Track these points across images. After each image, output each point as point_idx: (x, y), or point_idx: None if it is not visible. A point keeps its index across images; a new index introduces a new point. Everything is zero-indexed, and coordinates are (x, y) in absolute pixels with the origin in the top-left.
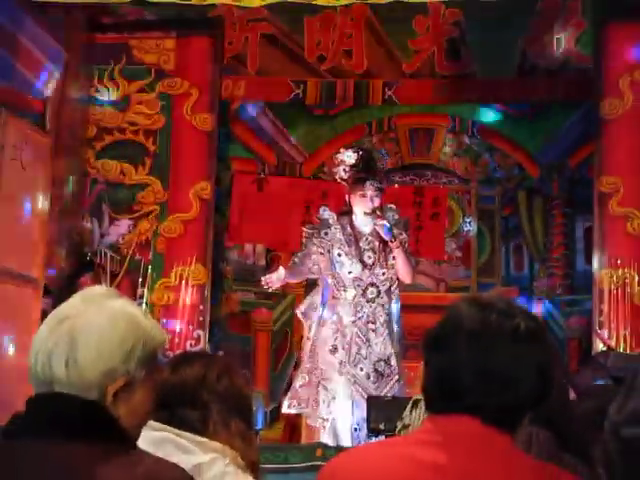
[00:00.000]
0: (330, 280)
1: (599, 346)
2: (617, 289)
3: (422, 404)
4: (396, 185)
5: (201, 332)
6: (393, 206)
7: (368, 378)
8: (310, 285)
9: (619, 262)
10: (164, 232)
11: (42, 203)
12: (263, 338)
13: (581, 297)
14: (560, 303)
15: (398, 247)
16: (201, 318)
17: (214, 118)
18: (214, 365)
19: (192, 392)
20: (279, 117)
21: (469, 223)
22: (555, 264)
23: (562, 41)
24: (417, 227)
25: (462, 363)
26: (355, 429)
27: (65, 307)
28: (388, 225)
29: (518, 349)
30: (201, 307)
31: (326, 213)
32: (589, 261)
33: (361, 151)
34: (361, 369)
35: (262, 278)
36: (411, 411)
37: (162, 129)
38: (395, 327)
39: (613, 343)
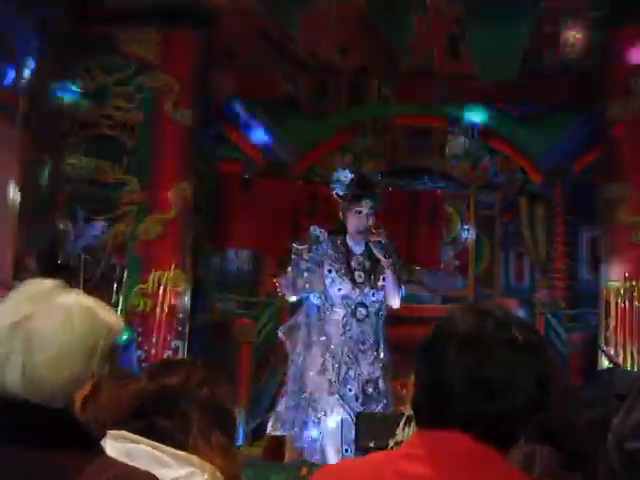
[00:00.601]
0: (317, 299)
1: (604, 363)
2: (624, 303)
3: None
4: (390, 188)
5: (180, 342)
6: (382, 230)
7: (356, 399)
8: (294, 304)
9: (627, 274)
10: (142, 234)
11: (10, 202)
12: (245, 350)
13: (585, 310)
14: (562, 316)
15: (389, 267)
16: (180, 327)
17: (197, 114)
18: (195, 373)
19: (171, 401)
20: (269, 115)
21: (467, 230)
22: (557, 275)
23: (566, 42)
24: (412, 234)
25: (453, 371)
26: (346, 450)
27: (10, 309)
28: (383, 242)
29: (514, 358)
30: (180, 315)
31: (317, 231)
32: (593, 272)
33: (357, 172)
34: (350, 390)
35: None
36: (404, 427)
37: (141, 124)
38: (382, 350)
39: (620, 360)
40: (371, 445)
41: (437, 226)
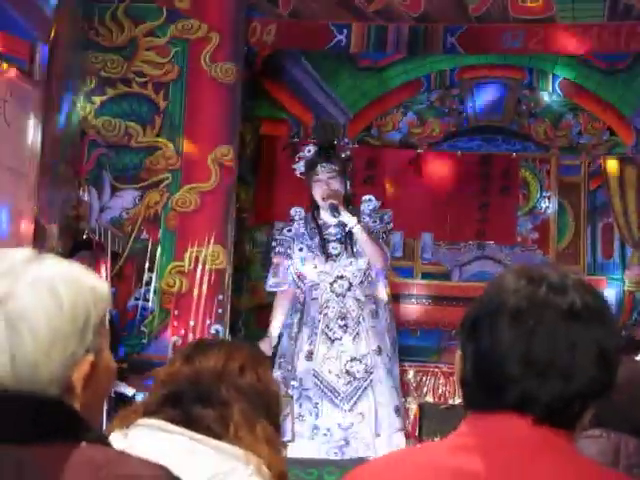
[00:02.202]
0: (295, 284)
1: None
2: None
3: None
4: (459, 152)
5: (220, 327)
6: (371, 197)
7: (338, 379)
8: None
9: None
10: (177, 206)
11: (29, 169)
12: None
13: None
14: None
15: (355, 226)
16: (220, 310)
17: (238, 69)
18: (236, 355)
19: (209, 387)
20: (317, 69)
21: (547, 199)
22: None
23: None
24: (483, 204)
25: (505, 348)
26: (325, 435)
27: None
28: (335, 203)
29: (574, 330)
30: (220, 297)
31: (293, 210)
32: None
33: (319, 143)
34: (329, 371)
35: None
36: None
37: (175, 81)
38: (379, 322)
39: None
40: (436, 441)
41: (512, 195)
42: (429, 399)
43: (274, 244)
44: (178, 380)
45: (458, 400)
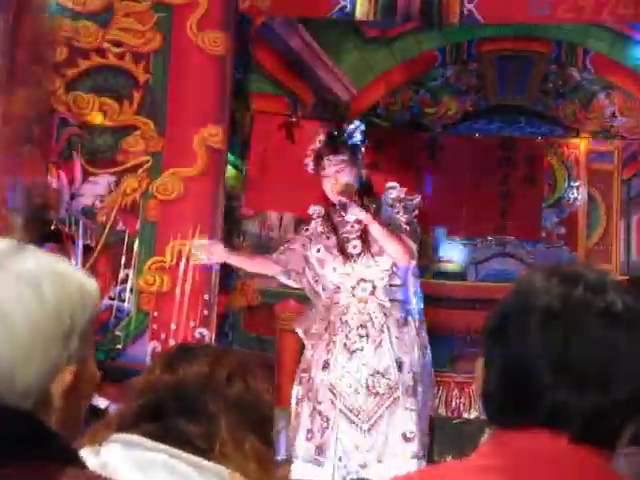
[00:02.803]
0: (318, 287)
1: None
2: None
3: None
4: (477, 135)
5: (206, 331)
6: (395, 184)
7: (357, 394)
8: None
9: None
10: (158, 193)
11: None
12: (290, 340)
13: None
14: None
15: (370, 220)
16: (206, 312)
17: (229, 38)
18: (223, 362)
19: (193, 398)
20: (318, 39)
21: (576, 189)
22: None
23: None
24: (504, 193)
25: (537, 353)
26: (340, 459)
27: None
28: (342, 200)
29: (612, 334)
30: (206, 297)
31: (312, 208)
32: None
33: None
34: (349, 385)
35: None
36: None
37: (158, 52)
38: (407, 332)
39: None
40: (448, 459)
41: (537, 184)
42: (441, 412)
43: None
44: (158, 390)
45: (474, 414)
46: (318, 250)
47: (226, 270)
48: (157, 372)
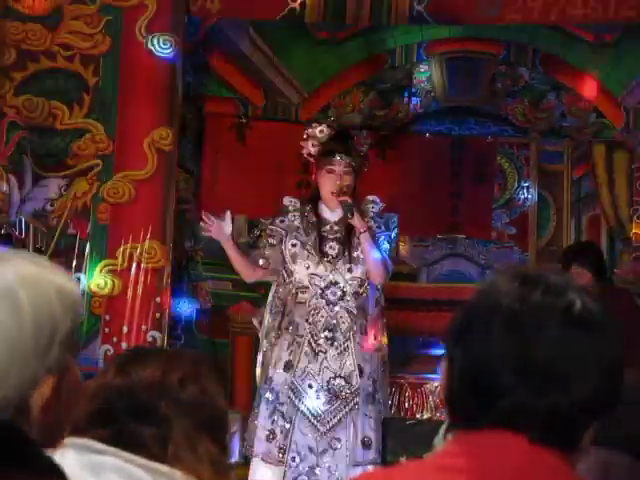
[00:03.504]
0: (283, 278)
1: None
2: None
3: None
4: (427, 134)
5: (157, 334)
6: (376, 198)
7: (317, 398)
8: None
9: None
10: (108, 196)
11: None
12: (244, 344)
13: None
14: None
15: (364, 232)
16: (158, 315)
17: (178, 41)
18: (177, 365)
19: (145, 402)
20: (268, 42)
21: (526, 189)
22: None
23: None
24: (454, 193)
25: (498, 354)
26: (293, 459)
27: None
28: (350, 202)
29: (572, 335)
30: (158, 300)
31: (287, 199)
32: None
33: (337, 128)
34: (310, 386)
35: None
36: (445, 436)
37: (107, 55)
38: (368, 338)
39: None
40: (402, 460)
41: (487, 184)
42: (394, 413)
43: (264, 235)
44: (110, 394)
45: (427, 415)
46: (294, 245)
47: (178, 272)
48: (109, 376)
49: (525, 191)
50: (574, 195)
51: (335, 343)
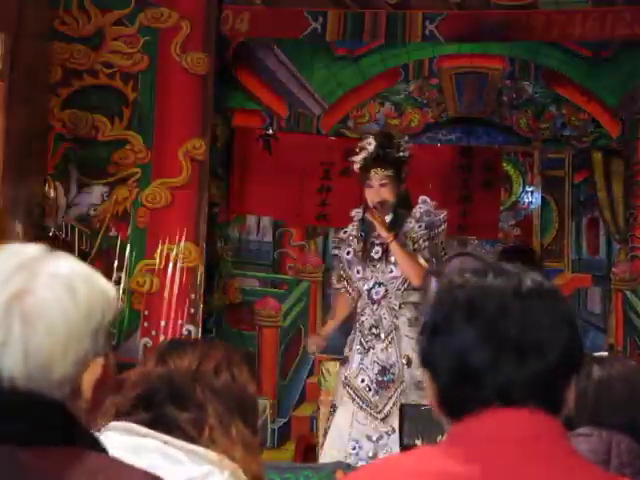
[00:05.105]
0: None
1: None
2: None
3: None
4: (438, 144)
5: (192, 327)
6: (426, 198)
7: (369, 390)
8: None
9: None
10: (146, 201)
11: None
12: (270, 336)
13: None
14: None
15: (391, 241)
16: (192, 310)
17: (210, 59)
18: (211, 355)
19: (183, 388)
20: (292, 58)
21: (530, 193)
22: (639, 245)
23: None
24: (464, 197)
25: (470, 343)
26: (354, 448)
27: None
28: (369, 217)
29: (531, 306)
30: (192, 296)
31: (354, 211)
32: None
33: (380, 137)
34: (362, 380)
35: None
36: None
37: (145, 72)
38: (408, 331)
39: None
40: (417, 443)
41: (494, 188)
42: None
43: (333, 246)
44: (151, 381)
45: None
46: (348, 253)
47: (208, 271)
48: (150, 365)
49: (529, 195)
50: (574, 199)
51: (380, 338)
